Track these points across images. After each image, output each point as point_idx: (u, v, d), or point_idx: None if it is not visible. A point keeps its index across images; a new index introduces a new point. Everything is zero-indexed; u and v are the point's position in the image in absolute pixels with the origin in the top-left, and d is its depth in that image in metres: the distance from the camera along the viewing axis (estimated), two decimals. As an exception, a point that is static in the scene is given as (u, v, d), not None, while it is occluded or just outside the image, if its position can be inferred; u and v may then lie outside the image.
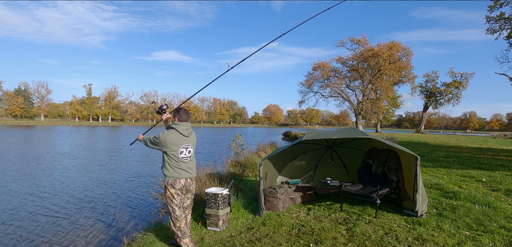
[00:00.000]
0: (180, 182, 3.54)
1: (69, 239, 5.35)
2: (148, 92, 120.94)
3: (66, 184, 9.56)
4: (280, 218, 4.79)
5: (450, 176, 8.16)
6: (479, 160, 11.63)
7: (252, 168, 9.82)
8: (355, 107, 43.40)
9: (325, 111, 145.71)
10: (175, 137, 3.53)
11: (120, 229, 5.84)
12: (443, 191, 6.32)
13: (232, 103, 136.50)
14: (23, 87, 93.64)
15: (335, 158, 6.92)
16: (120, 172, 11.86)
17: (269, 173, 6.03)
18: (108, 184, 9.71)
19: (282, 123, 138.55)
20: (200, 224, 4.65)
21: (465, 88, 47.69)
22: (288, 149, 6.18)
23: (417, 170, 4.66)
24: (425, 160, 11.66)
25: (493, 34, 21.02)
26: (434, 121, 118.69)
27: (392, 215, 4.88)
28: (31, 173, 11.15)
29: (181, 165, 3.54)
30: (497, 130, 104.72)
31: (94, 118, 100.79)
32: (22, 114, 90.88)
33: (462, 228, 4.23)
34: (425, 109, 53.44)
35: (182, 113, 3.65)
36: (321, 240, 3.90)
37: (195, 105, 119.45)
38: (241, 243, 3.92)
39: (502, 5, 20.03)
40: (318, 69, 44.29)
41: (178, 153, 3.52)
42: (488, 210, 4.93)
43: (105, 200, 7.84)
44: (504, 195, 6.05)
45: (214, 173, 8.14)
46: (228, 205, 4.58)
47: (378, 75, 39.91)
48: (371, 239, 3.88)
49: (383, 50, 38.82)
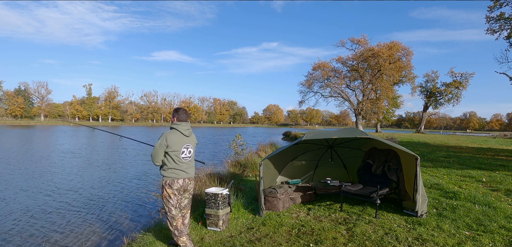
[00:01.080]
0: (178, 182, 3.54)
1: (69, 239, 5.34)
2: (148, 92, 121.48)
3: (65, 184, 9.56)
4: (280, 218, 4.79)
5: (450, 176, 8.16)
6: (479, 160, 11.63)
7: (252, 168, 9.82)
8: (355, 107, 43.41)
9: (325, 111, 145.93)
10: (178, 137, 3.53)
11: (120, 229, 5.84)
12: (443, 191, 6.32)
13: (232, 103, 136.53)
14: (23, 87, 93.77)
15: (335, 158, 6.92)
16: (120, 172, 11.86)
17: (269, 173, 6.03)
18: (108, 184, 9.71)
19: (282, 123, 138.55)
20: (200, 224, 4.65)
21: (465, 88, 47.76)
22: (288, 149, 6.17)
23: (417, 170, 4.66)
24: (425, 160, 11.66)
25: (493, 34, 21.05)
26: (434, 121, 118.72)
27: (392, 215, 4.88)
28: (30, 173, 11.15)
29: (181, 165, 3.54)
30: (497, 130, 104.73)
31: (94, 118, 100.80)
32: (22, 114, 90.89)
33: (462, 228, 4.23)
34: (425, 109, 53.45)
35: (181, 113, 3.65)
36: (321, 240, 3.90)
37: (195, 105, 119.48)
38: (241, 243, 3.92)
39: (502, 5, 20.05)
40: (318, 69, 44.32)
41: (179, 153, 3.51)
42: (488, 210, 4.93)
43: (105, 200, 7.84)
44: (504, 195, 6.05)
45: (214, 173, 8.14)
46: (228, 205, 4.58)
47: (378, 75, 39.92)
48: (371, 239, 3.88)
49: (383, 50, 38.83)
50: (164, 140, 3.44)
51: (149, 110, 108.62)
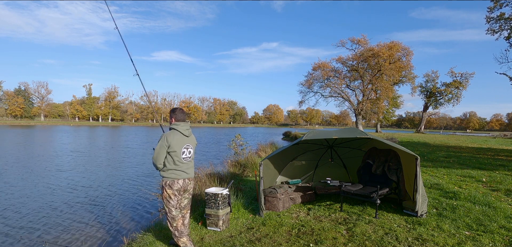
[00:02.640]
0: (178, 182, 3.53)
1: (69, 239, 5.34)
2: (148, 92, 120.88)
3: (65, 184, 9.56)
4: (280, 218, 4.79)
5: (450, 176, 8.16)
6: (479, 160, 11.63)
7: (252, 168, 9.82)
8: (355, 107, 43.40)
9: (325, 111, 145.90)
10: (178, 138, 3.51)
11: (120, 229, 5.84)
12: (443, 191, 6.32)
13: (232, 103, 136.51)
14: (23, 87, 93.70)
15: (335, 158, 6.92)
16: (120, 172, 11.86)
17: (269, 173, 6.03)
18: (108, 184, 9.71)
19: (282, 123, 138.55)
20: (200, 224, 4.65)
21: (465, 88, 47.75)
22: (288, 149, 6.17)
23: (417, 170, 4.66)
24: (425, 160, 11.65)
25: (493, 34, 21.02)
26: (434, 121, 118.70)
27: (392, 215, 4.88)
28: (30, 173, 11.15)
29: (181, 166, 3.53)
30: (497, 130, 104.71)
31: (94, 118, 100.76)
32: (22, 114, 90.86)
33: (462, 228, 4.23)
34: (425, 109, 53.44)
35: (178, 113, 3.64)
36: (321, 240, 3.90)
37: (195, 105, 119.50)
38: (241, 243, 3.92)
39: (502, 6, 20.04)
40: (318, 69, 44.30)
41: (180, 153, 3.50)
42: (488, 210, 4.93)
43: (105, 200, 7.84)
44: (504, 195, 6.05)
45: (214, 173, 8.14)
46: (228, 205, 4.58)
47: (378, 75, 39.92)
48: (371, 239, 3.88)
49: (383, 50, 38.82)
50: (165, 140, 3.42)
51: (149, 110, 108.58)
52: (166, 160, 3.49)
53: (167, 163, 3.49)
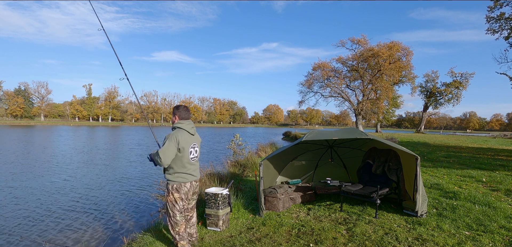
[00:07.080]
0: (185, 186, 3.40)
1: (69, 239, 5.34)
2: (148, 92, 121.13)
3: (65, 184, 9.56)
4: (280, 218, 4.79)
5: (450, 176, 8.16)
6: (479, 160, 11.62)
7: (252, 168, 9.81)
8: (355, 107, 43.37)
9: (325, 111, 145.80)
10: (185, 137, 3.35)
11: (120, 229, 5.84)
12: (443, 191, 6.32)
13: (232, 103, 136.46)
14: (23, 87, 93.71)
15: (335, 158, 6.92)
16: (120, 172, 11.86)
17: (269, 173, 6.03)
18: (108, 184, 9.71)
19: (282, 123, 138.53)
20: (200, 224, 4.64)
21: (465, 88, 47.74)
22: (288, 149, 6.17)
23: (417, 170, 4.66)
24: (425, 160, 11.65)
25: (493, 34, 21.01)
26: (434, 121, 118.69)
27: (392, 215, 4.88)
28: (30, 173, 11.15)
29: (189, 168, 3.38)
30: (497, 130, 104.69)
31: (94, 118, 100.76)
32: (22, 114, 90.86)
33: (462, 228, 4.23)
34: (425, 109, 53.43)
35: (182, 110, 3.49)
36: (321, 240, 3.90)
37: (195, 105, 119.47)
38: (241, 243, 3.92)
39: (502, 6, 20.04)
40: (318, 69, 44.26)
41: (188, 153, 3.36)
42: (488, 210, 4.93)
43: (105, 200, 7.83)
44: (504, 195, 6.05)
45: (214, 173, 8.14)
46: (228, 205, 4.57)
47: (378, 75, 39.89)
48: (371, 239, 3.88)
49: (383, 50, 38.79)
50: (175, 139, 3.24)
51: (149, 110, 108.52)
52: (173, 161, 3.32)
53: (174, 165, 3.33)
